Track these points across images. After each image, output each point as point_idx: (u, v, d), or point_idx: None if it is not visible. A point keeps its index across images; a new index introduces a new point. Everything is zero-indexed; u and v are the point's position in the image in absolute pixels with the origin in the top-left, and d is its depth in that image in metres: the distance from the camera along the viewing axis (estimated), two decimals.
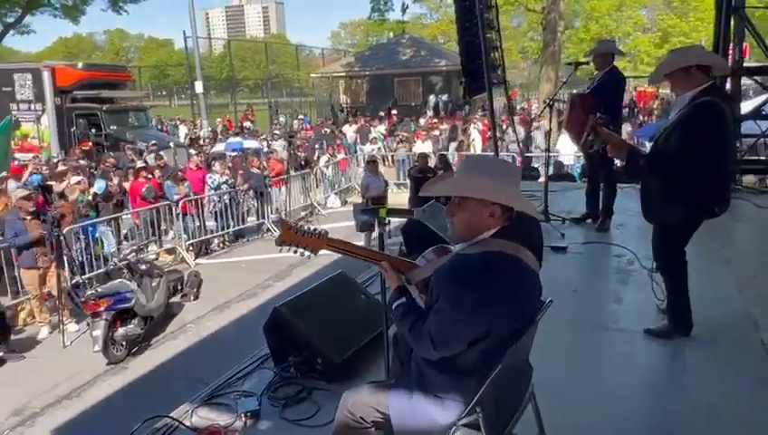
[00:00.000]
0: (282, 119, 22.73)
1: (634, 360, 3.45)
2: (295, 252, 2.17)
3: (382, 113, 22.02)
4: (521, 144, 11.22)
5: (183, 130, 21.01)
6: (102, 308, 6.54)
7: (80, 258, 8.50)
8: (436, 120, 19.92)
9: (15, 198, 7.97)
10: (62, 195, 9.84)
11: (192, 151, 12.41)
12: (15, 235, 7.31)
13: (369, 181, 9.91)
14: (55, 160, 12.28)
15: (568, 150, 12.09)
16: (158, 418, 2.91)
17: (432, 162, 11.68)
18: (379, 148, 16.44)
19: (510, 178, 2.01)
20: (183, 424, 2.86)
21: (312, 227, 2.24)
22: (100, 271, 8.61)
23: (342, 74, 27.51)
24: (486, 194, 1.90)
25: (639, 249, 4.95)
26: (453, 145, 17.21)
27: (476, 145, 16.68)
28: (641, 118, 19.29)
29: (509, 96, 10.95)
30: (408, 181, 13.03)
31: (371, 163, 10.38)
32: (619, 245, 5.37)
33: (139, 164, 10.53)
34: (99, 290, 6.86)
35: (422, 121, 20.14)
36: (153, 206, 9.84)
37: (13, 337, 7.25)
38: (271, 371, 3.34)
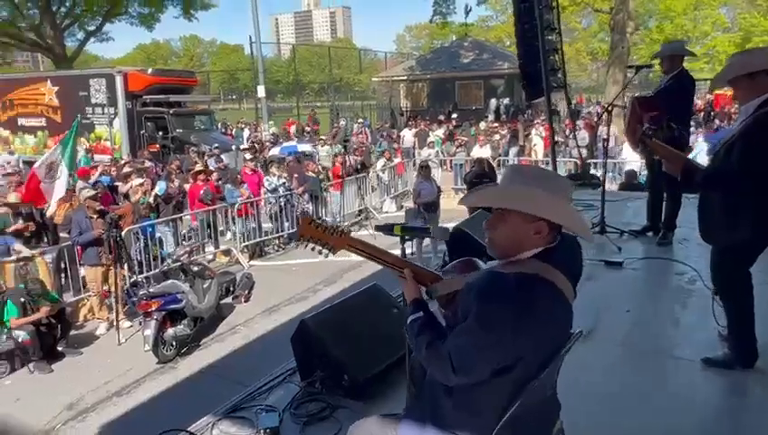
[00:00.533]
0: (342, 122, 22.89)
1: (689, 392, 3.13)
2: (313, 249, 2.05)
3: (442, 117, 21.78)
4: (580, 149, 10.76)
5: (247, 133, 21.51)
6: (154, 308, 6.71)
7: (138, 258, 8.79)
8: (496, 125, 19.49)
9: (82, 198, 8.35)
10: (126, 196, 10.26)
11: (247, 156, 12.62)
12: (80, 232, 7.66)
13: (421, 187, 9.76)
14: (122, 162, 12.77)
15: (633, 157, 11.51)
16: (176, 431, 2.87)
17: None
18: (437, 152, 16.21)
19: (561, 192, 1.79)
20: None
21: (335, 225, 2.10)
22: (157, 271, 8.85)
23: (403, 78, 27.44)
24: (535, 208, 1.69)
25: (703, 267, 4.54)
26: (513, 150, 16.77)
27: (538, 151, 16.18)
28: (717, 123, 18.14)
29: (569, 100, 10.53)
30: (465, 187, 12.79)
31: (424, 168, 10.22)
32: (681, 262, 4.97)
33: (198, 167, 10.77)
34: (151, 290, 7.05)
35: (483, 125, 19.75)
36: (210, 208, 10.06)
37: (73, 332, 7.59)
38: (296, 385, 3.25)
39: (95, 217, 7.72)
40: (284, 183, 10.95)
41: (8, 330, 6.58)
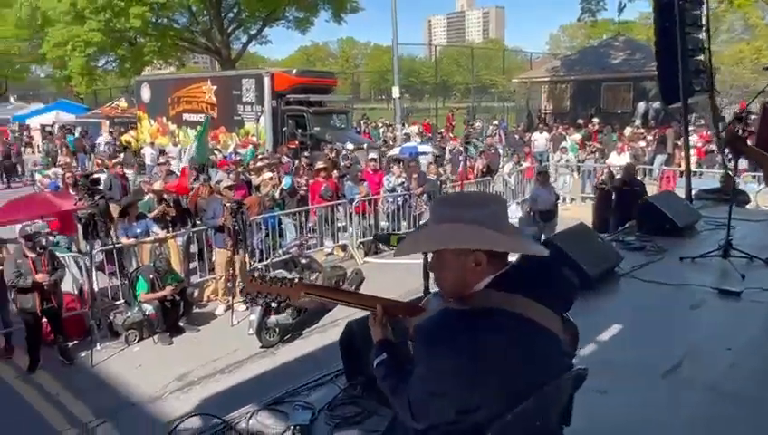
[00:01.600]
0: (478, 124, 22.58)
1: None
2: (265, 303, 2.02)
3: (581, 121, 20.56)
4: (725, 160, 9.52)
5: (381, 131, 22.03)
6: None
7: (260, 247, 9.39)
8: (642, 130, 17.98)
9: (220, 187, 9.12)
10: (257, 188, 11.01)
11: (371, 155, 12.88)
12: (213, 217, 8.37)
13: (537, 194, 9.30)
14: (258, 157, 13.68)
15: None
16: (212, 417, 3.00)
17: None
18: (567, 160, 15.30)
19: (486, 215, 1.60)
20: (234, 428, 2.90)
21: (285, 275, 2.03)
22: (275, 259, 9.37)
23: (546, 79, 26.33)
24: (460, 240, 1.56)
25: None
26: (660, 158, 15.39)
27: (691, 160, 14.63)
28: None
29: (715, 106, 9.39)
30: (593, 195, 12.02)
31: (542, 174, 9.73)
32: None
33: (319, 164, 11.19)
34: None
35: (628, 130, 18.33)
36: (329, 204, 10.44)
37: (195, 311, 8.30)
38: (339, 386, 3.25)
39: (228, 205, 8.38)
40: (403, 183, 11.03)
41: (138, 303, 7.36)
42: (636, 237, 6.09)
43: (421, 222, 11.78)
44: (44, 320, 6.85)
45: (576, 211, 13.21)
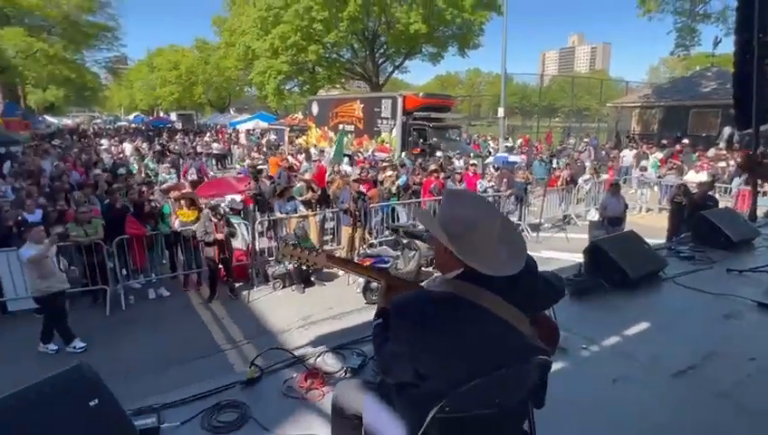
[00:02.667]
0: (571, 141, 20.90)
1: None
2: (297, 266, 2.00)
3: (665, 141, 18.15)
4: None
5: (492, 144, 21.23)
6: (366, 264, 7.20)
7: (378, 227, 9.51)
8: (725, 153, 15.46)
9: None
10: (381, 182, 11.14)
11: (472, 162, 12.46)
12: (342, 202, 8.65)
13: (608, 202, 8.39)
14: (383, 160, 13.82)
15: None
16: (284, 350, 3.07)
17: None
18: (643, 175, 13.58)
19: (473, 220, 1.44)
20: (303, 362, 2.94)
21: (313, 246, 2.01)
22: (389, 238, 9.44)
23: (638, 105, 23.59)
24: (423, 222, 1.50)
25: None
26: (738, 179, 13.16)
27: None
28: None
29: None
30: (668, 207, 10.59)
31: (614, 186, 8.73)
32: None
33: (432, 167, 11.03)
34: (368, 251, 7.57)
35: (711, 152, 15.88)
36: (435, 198, 10.26)
37: (325, 270, 8.63)
38: None
39: (355, 193, 8.60)
40: (493, 186, 10.54)
41: (283, 260, 7.79)
42: (689, 247, 5.27)
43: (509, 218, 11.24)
44: (221, 266, 7.53)
45: (650, 220, 11.79)
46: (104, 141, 24.42)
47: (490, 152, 17.75)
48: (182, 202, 7.52)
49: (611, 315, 3.65)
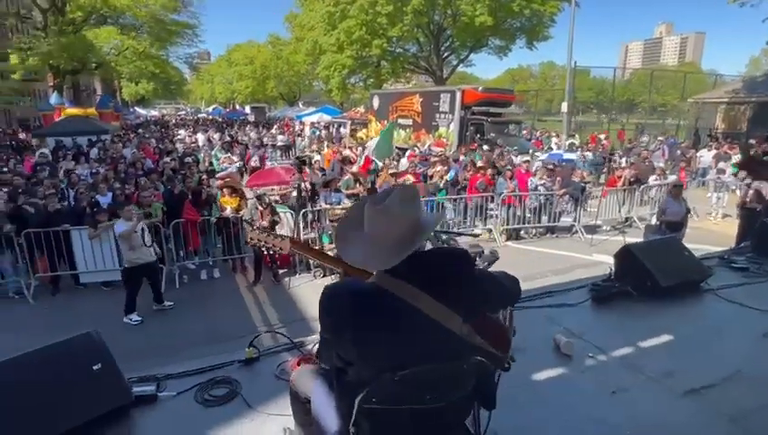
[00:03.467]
0: (644, 138, 19.44)
1: None
2: (263, 250, 2.07)
3: (753, 141, 16.35)
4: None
5: (555, 140, 20.30)
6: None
7: None
8: None
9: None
10: (431, 177, 11.09)
11: (525, 158, 11.99)
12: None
13: (667, 205, 7.73)
14: (433, 155, 13.68)
15: None
16: (278, 334, 3.18)
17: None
18: (720, 177, 12.34)
19: (380, 219, 1.47)
20: (299, 348, 3.05)
21: (278, 233, 2.08)
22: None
23: (724, 100, 21.39)
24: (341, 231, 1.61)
25: None
26: None
27: None
28: None
29: None
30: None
31: (676, 187, 8.02)
32: None
33: (479, 163, 10.79)
34: None
35: None
36: (481, 194, 10.08)
37: None
38: None
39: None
40: (544, 183, 10.12)
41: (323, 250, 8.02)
42: (745, 258, 4.78)
43: (563, 219, 10.75)
44: (265, 252, 7.87)
45: (725, 227, 10.74)
46: (182, 131, 26.30)
47: (551, 148, 16.98)
48: (224, 190, 7.95)
49: (631, 324, 3.43)
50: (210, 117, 46.72)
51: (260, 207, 7.64)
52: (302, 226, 8.42)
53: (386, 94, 23.15)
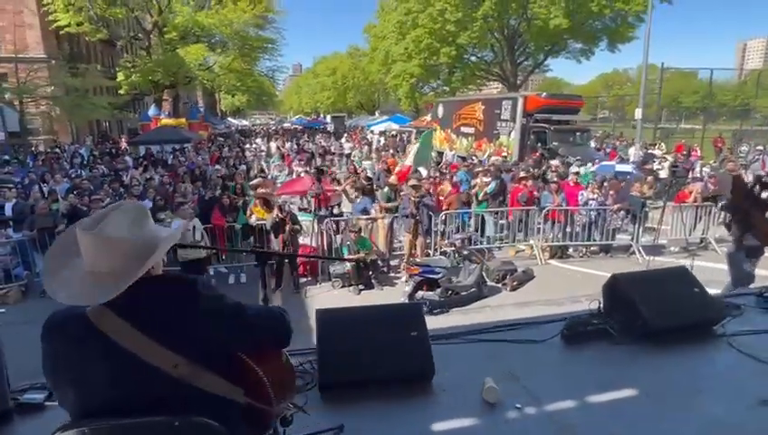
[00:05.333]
0: (743, 148, 16.97)
1: None
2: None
3: None
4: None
5: (632, 150, 18.43)
6: (414, 273, 6.88)
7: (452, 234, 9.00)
8: None
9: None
10: (472, 187, 10.54)
11: (573, 169, 10.91)
12: (405, 208, 8.43)
13: None
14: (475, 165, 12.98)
15: None
16: None
17: None
18: None
19: (94, 245, 1.28)
20: None
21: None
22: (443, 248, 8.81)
23: None
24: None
25: None
26: None
27: None
28: None
29: None
30: None
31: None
32: None
33: (522, 174, 10.02)
34: (418, 260, 7.20)
35: None
36: (522, 208, 9.36)
37: (391, 274, 8.48)
38: None
39: (412, 199, 8.30)
40: (596, 198, 9.13)
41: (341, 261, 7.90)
42: None
43: (618, 237, 9.65)
44: (286, 260, 7.93)
45: None
46: (258, 140, 27.83)
47: (622, 159, 15.37)
48: (257, 201, 8.12)
49: (592, 372, 2.85)
50: (293, 126, 49.08)
51: (280, 215, 7.71)
52: (324, 234, 8.39)
53: (450, 102, 22.68)
